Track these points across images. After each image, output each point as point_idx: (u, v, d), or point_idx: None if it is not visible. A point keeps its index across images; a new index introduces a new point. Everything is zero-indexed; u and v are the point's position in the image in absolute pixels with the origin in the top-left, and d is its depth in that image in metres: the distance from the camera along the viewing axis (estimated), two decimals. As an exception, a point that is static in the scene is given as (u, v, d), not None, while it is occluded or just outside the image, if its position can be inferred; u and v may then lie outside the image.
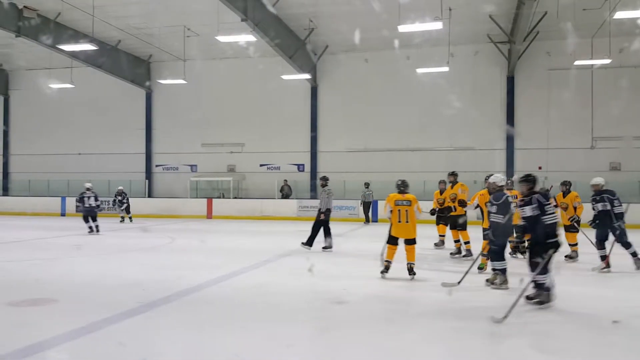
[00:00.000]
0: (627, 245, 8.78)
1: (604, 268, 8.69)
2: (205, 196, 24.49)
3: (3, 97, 28.30)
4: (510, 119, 22.15)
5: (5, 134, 28.54)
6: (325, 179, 11.89)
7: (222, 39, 17.84)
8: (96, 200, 15.40)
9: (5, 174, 28.43)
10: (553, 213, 6.10)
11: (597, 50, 19.43)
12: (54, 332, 5.10)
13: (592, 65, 20.18)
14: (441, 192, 11.60)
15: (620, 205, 8.67)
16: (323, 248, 11.31)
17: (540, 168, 21.47)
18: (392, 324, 5.53)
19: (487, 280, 7.44)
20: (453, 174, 11.16)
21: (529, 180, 6.30)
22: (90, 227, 15.07)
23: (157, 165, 26.51)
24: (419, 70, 20.92)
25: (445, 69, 20.17)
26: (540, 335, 5.18)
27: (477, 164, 20.92)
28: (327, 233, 11.48)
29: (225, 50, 22.75)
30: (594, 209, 8.91)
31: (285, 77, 21.84)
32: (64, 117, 27.29)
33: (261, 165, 24.91)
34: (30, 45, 20.91)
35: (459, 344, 4.92)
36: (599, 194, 8.84)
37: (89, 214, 15.21)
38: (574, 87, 21.43)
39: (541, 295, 6.14)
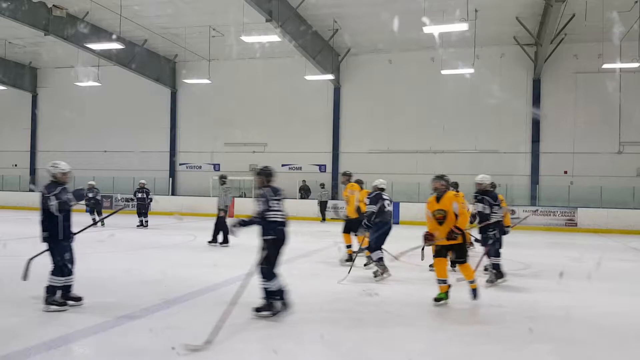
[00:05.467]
0: (495, 254, 7.81)
1: (500, 279, 7.79)
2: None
3: (31, 95, 28.87)
4: (535, 122, 21.83)
5: (33, 130, 29.09)
6: (223, 177, 12.24)
7: (247, 39, 17.95)
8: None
9: (33, 170, 28.99)
10: (278, 210, 5.74)
11: (626, 53, 19.05)
12: (78, 326, 5.20)
13: (620, 68, 19.79)
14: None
15: (498, 213, 7.73)
16: (220, 244, 12.18)
17: (565, 172, 21.13)
18: (412, 327, 5.50)
19: (374, 273, 8.15)
20: (345, 174, 10.03)
21: (262, 173, 5.90)
22: (141, 221, 16.83)
23: (180, 164, 26.77)
24: (444, 72, 20.70)
25: (470, 70, 19.95)
26: (563, 341, 5.10)
27: (501, 167, 20.62)
28: (221, 229, 12.21)
29: (250, 50, 22.83)
30: (473, 205, 8.00)
31: (308, 77, 21.85)
32: (90, 115, 27.68)
33: (283, 165, 24.93)
34: (59, 43, 21.28)
35: (481, 348, 4.88)
36: (481, 193, 7.89)
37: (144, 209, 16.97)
38: (601, 91, 21.01)
39: (267, 305, 5.70)
